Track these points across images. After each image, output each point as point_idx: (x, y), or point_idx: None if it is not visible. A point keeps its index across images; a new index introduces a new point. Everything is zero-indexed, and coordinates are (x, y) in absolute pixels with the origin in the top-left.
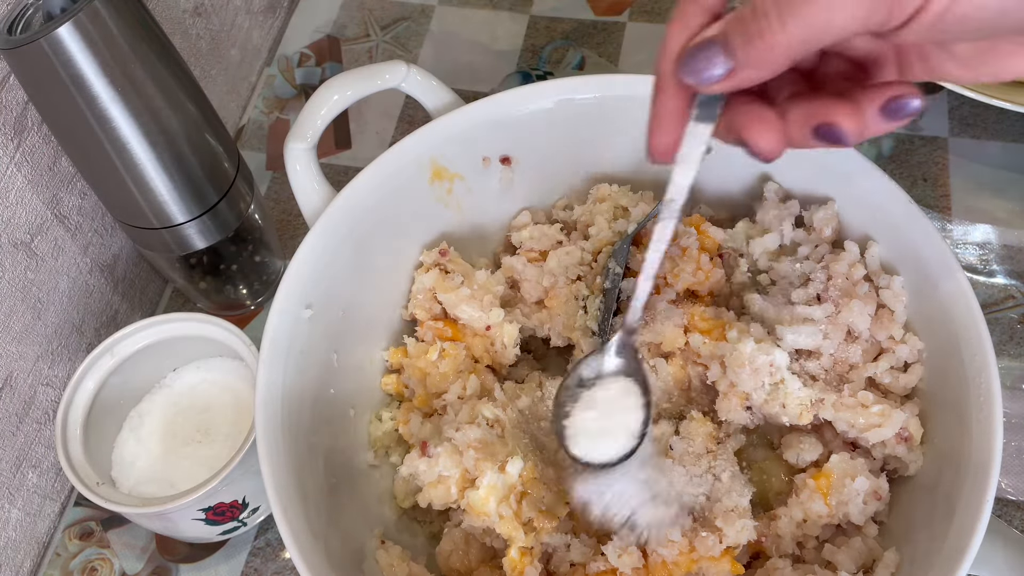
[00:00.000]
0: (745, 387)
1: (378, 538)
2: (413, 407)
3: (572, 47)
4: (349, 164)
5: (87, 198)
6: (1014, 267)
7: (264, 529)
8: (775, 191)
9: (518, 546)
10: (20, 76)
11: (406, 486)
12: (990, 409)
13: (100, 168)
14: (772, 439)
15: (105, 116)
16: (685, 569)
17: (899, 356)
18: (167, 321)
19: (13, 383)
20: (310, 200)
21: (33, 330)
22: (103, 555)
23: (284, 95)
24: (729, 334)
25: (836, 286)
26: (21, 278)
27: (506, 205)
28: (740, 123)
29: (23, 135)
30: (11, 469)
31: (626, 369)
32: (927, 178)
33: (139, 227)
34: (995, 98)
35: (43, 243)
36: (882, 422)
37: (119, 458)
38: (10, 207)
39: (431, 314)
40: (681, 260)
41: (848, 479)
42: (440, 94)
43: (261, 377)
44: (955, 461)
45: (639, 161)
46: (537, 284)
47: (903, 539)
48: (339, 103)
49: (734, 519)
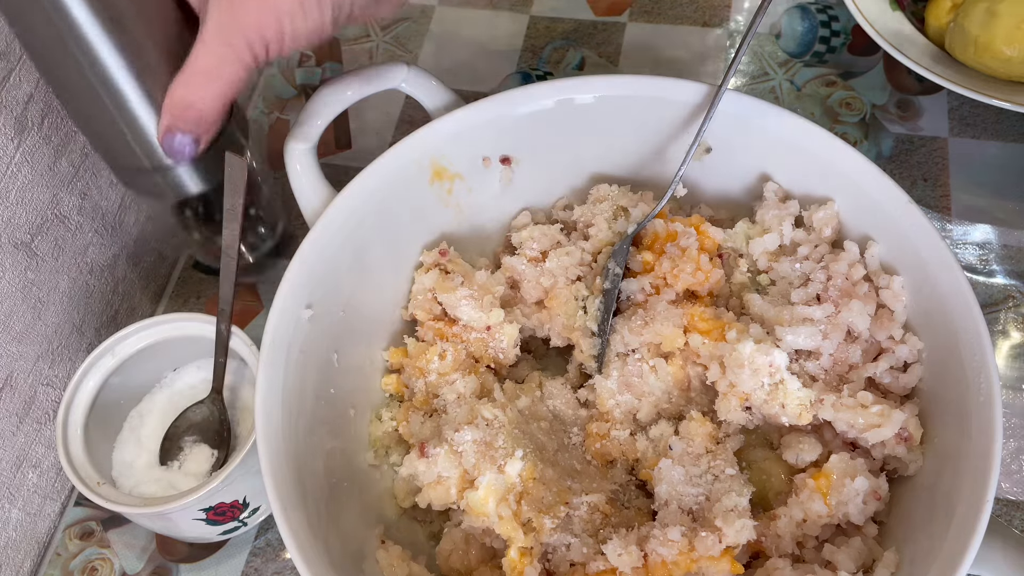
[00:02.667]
0: (745, 387)
1: (378, 538)
2: (413, 407)
3: (572, 47)
4: (349, 164)
5: (87, 198)
6: (1014, 267)
7: (264, 529)
8: (775, 191)
9: (518, 546)
10: (3, 7)
11: (406, 486)
12: (990, 409)
13: (88, 106)
14: (772, 439)
15: (89, 48)
16: (685, 569)
17: (899, 356)
18: (167, 321)
19: (13, 383)
20: (310, 200)
21: (33, 330)
22: (103, 555)
23: (284, 95)
24: (729, 334)
25: (836, 286)
26: (21, 278)
27: (506, 205)
28: None
29: (23, 135)
30: (11, 469)
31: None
32: (927, 178)
33: (132, 168)
34: (995, 98)
35: (43, 243)
36: (882, 422)
37: (119, 458)
38: (10, 207)
39: (431, 314)
40: (681, 260)
41: (848, 479)
42: (440, 94)
43: (261, 377)
44: (955, 461)
45: (639, 161)
46: (537, 284)
47: (903, 539)
48: (339, 103)
49: (734, 519)
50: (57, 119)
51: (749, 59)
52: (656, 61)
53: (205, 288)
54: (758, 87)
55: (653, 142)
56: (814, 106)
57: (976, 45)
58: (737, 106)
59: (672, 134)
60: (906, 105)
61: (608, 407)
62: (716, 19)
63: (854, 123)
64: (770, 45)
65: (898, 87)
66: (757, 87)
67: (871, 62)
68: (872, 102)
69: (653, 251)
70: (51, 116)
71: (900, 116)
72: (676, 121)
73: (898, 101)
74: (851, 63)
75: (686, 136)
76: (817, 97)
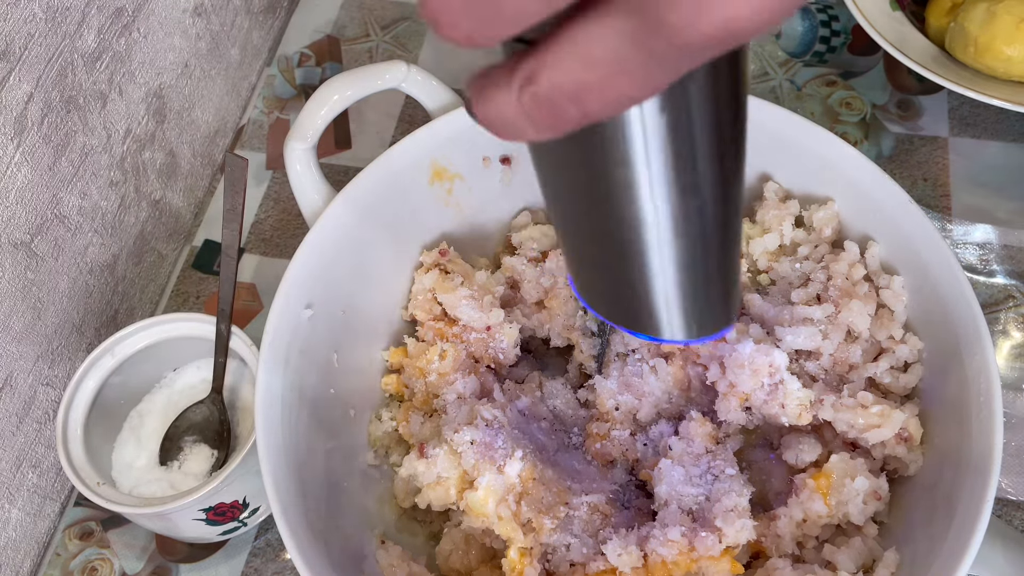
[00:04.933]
0: (745, 387)
1: (378, 538)
2: (413, 407)
3: None
4: (349, 164)
5: (87, 198)
6: (1014, 267)
7: (264, 529)
8: (775, 191)
9: (517, 546)
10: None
11: (406, 486)
12: (990, 409)
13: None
14: (772, 439)
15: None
16: (685, 569)
17: (899, 356)
18: (167, 321)
19: (13, 383)
20: (310, 200)
21: (33, 330)
22: (103, 555)
23: (284, 95)
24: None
25: (836, 286)
26: (21, 278)
27: (506, 205)
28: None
29: (23, 135)
30: (11, 469)
31: None
32: (927, 178)
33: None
34: (995, 98)
35: (43, 243)
36: (882, 422)
37: (119, 458)
38: (10, 207)
39: (431, 314)
40: None
41: (848, 479)
42: (440, 94)
43: (261, 377)
44: (955, 461)
45: None
46: (537, 284)
47: (903, 539)
48: (339, 103)
49: (734, 519)
50: (57, 119)
51: (749, 59)
52: None
53: (205, 288)
54: (758, 87)
55: None
56: (814, 106)
57: (976, 45)
58: None
59: None
60: (906, 105)
61: (608, 407)
62: None
63: (854, 123)
64: (770, 45)
65: (898, 87)
66: (757, 87)
67: (871, 62)
68: (872, 102)
69: None
70: (51, 116)
71: (900, 116)
72: None
73: (898, 101)
74: (851, 63)
75: None
76: (817, 97)
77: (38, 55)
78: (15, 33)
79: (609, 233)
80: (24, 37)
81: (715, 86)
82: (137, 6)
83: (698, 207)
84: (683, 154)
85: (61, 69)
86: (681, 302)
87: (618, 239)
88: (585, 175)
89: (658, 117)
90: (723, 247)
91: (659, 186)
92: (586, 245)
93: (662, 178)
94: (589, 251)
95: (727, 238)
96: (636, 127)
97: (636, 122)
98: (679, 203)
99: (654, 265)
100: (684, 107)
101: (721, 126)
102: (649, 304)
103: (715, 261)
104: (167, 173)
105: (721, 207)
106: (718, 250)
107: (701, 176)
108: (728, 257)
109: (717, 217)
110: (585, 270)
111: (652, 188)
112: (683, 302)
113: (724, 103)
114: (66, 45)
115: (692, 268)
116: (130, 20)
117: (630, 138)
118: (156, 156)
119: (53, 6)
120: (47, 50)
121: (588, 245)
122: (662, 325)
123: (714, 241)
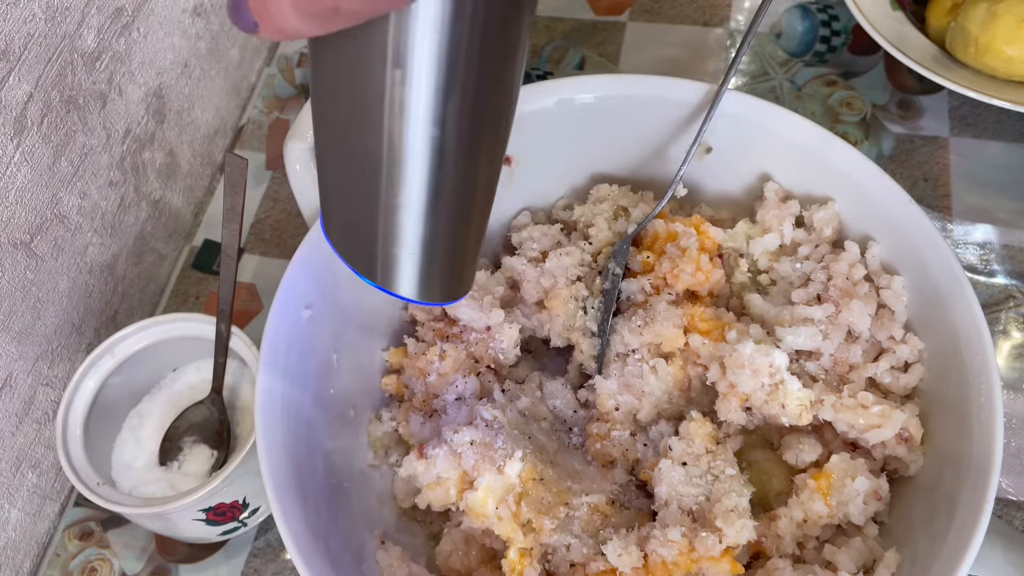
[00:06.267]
0: (745, 388)
1: (378, 538)
2: (413, 407)
3: (572, 47)
4: None
5: (87, 198)
6: (1014, 267)
7: (264, 529)
8: (775, 191)
9: (517, 547)
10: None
11: (406, 486)
12: (990, 409)
13: (356, 186)
14: (772, 439)
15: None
16: (685, 569)
17: (899, 356)
18: (167, 321)
19: (13, 383)
20: (310, 200)
21: (33, 330)
22: (103, 555)
23: (284, 95)
24: (729, 335)
25: (836, 286)
26: (21, 278)
27: (506, 205)
28: None
29: (23, 135)
30: (11, 469)
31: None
32: (927, 178)
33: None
34: (995, 98)
35: (43, 243)
36: (882, 422)
37: (119, 458)
38: (10, 207)
39: (431, 314)
40: (681, 260)
41: (848, 479)
42: None
43: (261, 377)
44: (955, 461)
45: (640, 161)
46: (537, 284)
47: (903, 539)
48: None
49: (734, 519)
50: (56, 119)
51: (749, 59)
52: (656, 61)
53: (205, 288)
54: (758, 87)
55: (653, 142)
56: (815, 106)
57: (977, 45)
58: (738, 106)
59: (672, 134)
60: (907, 105)
61: (608, 407)
62: (716, 19)
63: (855, 123)
64: (770, 45)
65: (899, 87)
66: (757, 87)
67: (871, 62)
68: (873, 102)
69: (653, 251)
70: (51, 116)
71: (901, 116)
72: (677, 121)
73: (899, 101)
74: (851, 63)
75: (686, 136)
76: (818, 97)
77: (38, 55)
78: (15, 33)
79: (358, 158)
80: (24, 37)
81: (472, 23)
82: (137, 6)
83: (439, 141)
84: (439, 74)
85: (61, 69)
86: (418, 256)
87: (368, 165)
88: (349, 79)
89: (412, 33)
90: (461, 206)
91: (408, 102)
92: (340, 172)
93: (410, 93)
94: (342, 180)
95: (465, 198)
96: (390, 35)
97: (392, 30)
98: (426, 132)
99: (397, 201)
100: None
101: (476, 63)
102: (388, 253)
103: (450, 219)
104: (167, 173)
105: (465, 159)
106: (455, 208)
107: (449, 109)
108: (464, 222)
109: (458, 163)
110: (336, 204)
111: (402, 103)
112: (420, 257)
113: (481, 42)
114: (66, 45)
115: (431, 219)
116: (130, 20)
117: (384, 45)
118: (156, 156)
119: (53, 6)
120: (47, 50)
121: (342, 172)
122: (397, 278)
123: (454, 196)
